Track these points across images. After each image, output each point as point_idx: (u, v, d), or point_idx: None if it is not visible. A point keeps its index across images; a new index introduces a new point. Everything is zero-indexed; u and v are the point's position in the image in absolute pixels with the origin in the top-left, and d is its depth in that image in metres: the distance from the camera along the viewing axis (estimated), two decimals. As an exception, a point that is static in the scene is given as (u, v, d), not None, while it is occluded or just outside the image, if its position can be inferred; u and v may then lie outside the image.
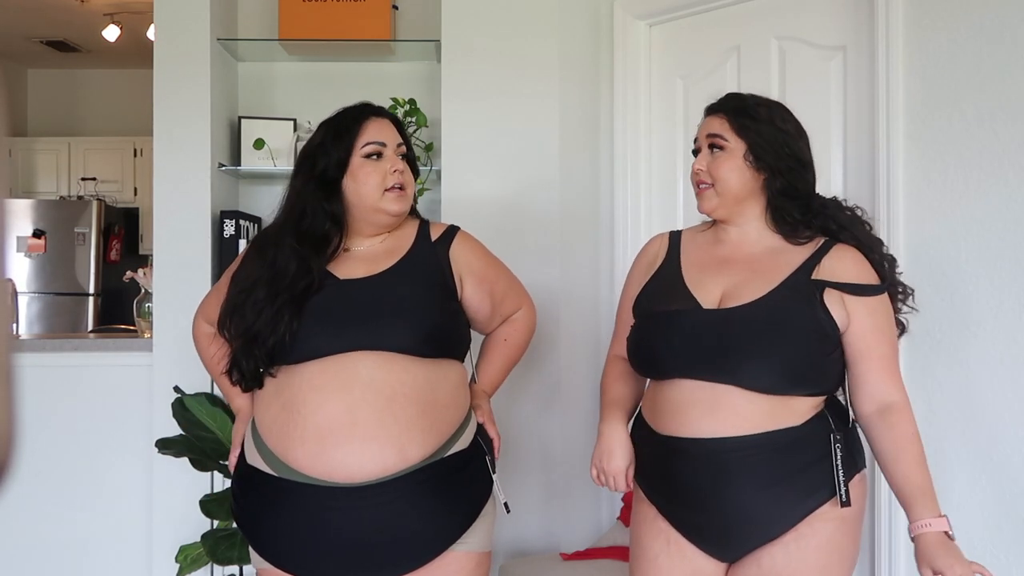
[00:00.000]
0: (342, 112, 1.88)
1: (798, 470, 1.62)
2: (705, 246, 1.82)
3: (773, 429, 1.61)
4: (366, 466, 1.66)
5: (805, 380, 1.64)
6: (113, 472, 2.96)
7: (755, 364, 1.61)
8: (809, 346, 1.64)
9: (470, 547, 1.78)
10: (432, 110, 3.01)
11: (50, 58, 7.15)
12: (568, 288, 2.89)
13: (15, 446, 0.65)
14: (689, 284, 1.75)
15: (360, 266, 1.83)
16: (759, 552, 1.64)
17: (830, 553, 1.63)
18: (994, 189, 2.11)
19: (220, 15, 3.00)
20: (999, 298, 2.11)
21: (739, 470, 1.61)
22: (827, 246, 1.71)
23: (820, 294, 1.65)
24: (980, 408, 2.14)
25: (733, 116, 1.76)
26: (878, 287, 1.69)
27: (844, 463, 1.62)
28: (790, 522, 1.62)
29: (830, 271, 1.68)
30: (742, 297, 1.67)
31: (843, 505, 1.61)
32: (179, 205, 2.91)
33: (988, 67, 2.12)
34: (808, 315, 1.64)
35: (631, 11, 2.91)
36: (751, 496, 1.61)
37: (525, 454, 2.83)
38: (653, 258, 1.87)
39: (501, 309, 1.96)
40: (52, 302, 6.40)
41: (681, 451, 1.65)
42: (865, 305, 1.67)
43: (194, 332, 2.02)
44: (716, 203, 1.76)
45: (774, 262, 1.72)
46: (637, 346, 1.78)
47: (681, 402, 1.65)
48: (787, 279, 1.68)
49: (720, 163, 1.74)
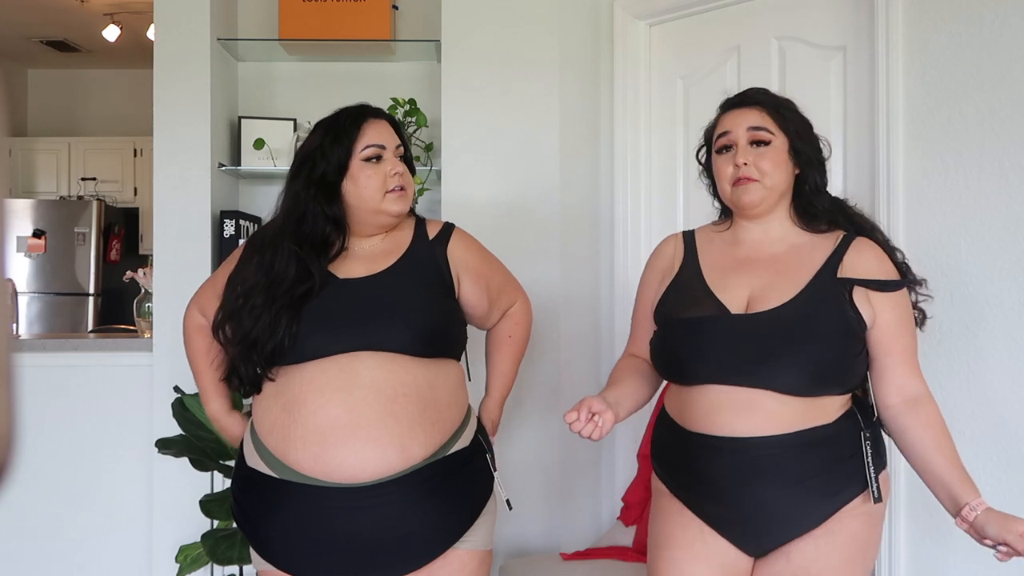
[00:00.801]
0: (339, 114, 1.87)
1: (828, 467, 1.62)
2: (723, 246, 1.79)
3: (804, 428, 1.60)
4: (368, 466, 1.66)
5: (836, 380, 1.64)
6: (113, 472, 2.96)
7: (788, 368, 1.60)
8: (840, 346, 1.63)
9: (472, 545, 1.78)
10: (432, 110, 3.01)
11: (50, 58, 7.15)
12: (568, 288, 2.89)
13: (15, 446, 0.65)
14: (713, 288, 1.71)
15: (359, 266, 1.83)
16: (788, 546, 1.64)
17: (856, 548, 1.64)
18: (994, 189, 2.11)
19: (220, 15, 3.00)
20: (999, 297, 2.11)
21: (770, 468, 1.60)
22: (847, 240, 1.70)
23: (849, 293, 1.64)
24: (980, 407, 2.14)
25: (773, 109, 1.73)
26: (901, 282, 1.68)
27: (874, 460, 1.63)
28: (820, 518, 1.62)
29: (853, 267, 1.66)
30: (770, 300, 1.65)
31: (876, 501, 1.61)
32: (179, 205, 2.91)
33: (988, 67, 2.12)
34: (838, 315, 1.63)
35: (631, 11, 2.91)
36: (782, 493, 1.61)
37: (525, 454, 2.83)
38: (669, 261, 1.83)
39: (498, 304, 1.97)
40: (52, 302, 6.40)
41: (713, 448, 1.64)
42: (890, 300, 1.66)
43: (186, 323, 2.00)
44: (762, 196, 1.71)
45: (798, 261, 1.70)
46: (662, 353, 1.75)
47: (712, 404, 1.64)
48: (814, 279, 1.66)
49: (768, 157, 1.70)
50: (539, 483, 2.85)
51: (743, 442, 1.60)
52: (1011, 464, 2.06)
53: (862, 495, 1.63)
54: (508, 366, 2.05)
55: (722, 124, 1.77)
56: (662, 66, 2.92)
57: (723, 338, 1.65)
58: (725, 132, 1.75)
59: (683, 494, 1.73)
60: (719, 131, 1.77)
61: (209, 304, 1.91)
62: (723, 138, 1.75)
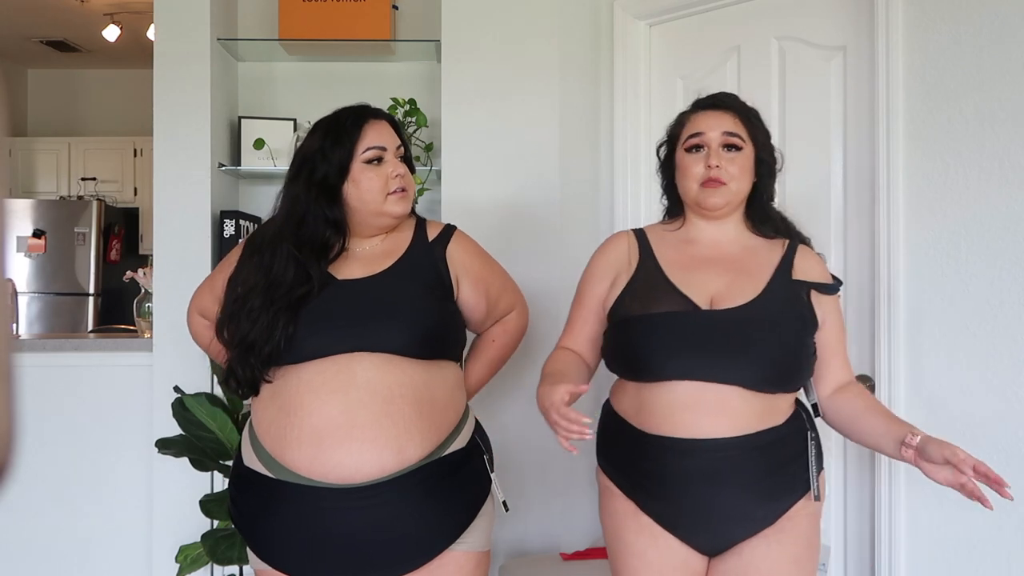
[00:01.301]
0: (339, 114, 1.86)
1: (778, 468, 1.67)
2: (678, 244, 1.83)
3: (761, 429, 1.65)
4: (364, 467, 1.66)
5: (794, 377, 1.71)
6: (113, 472, 2.95)
7: (755, 363, 1.65)
8: (799, 343, 1.71)
9: (469, 547, 1.78)
10: (432, 110, 3.01)
11: (50, 58, 7.15)
12: (568, 288, 2.87)
13: (15, 446, 0.65)
14: (678, 284, 1.74)
15: (358, 266, 1.82)
16: (741, 545, 1.69)
17: (804, 546, 1.70)
18: (994, 189, 2.11)
19: (220, 15, 3.00)
20: (1000, 298, 2.11)
21: (726, 470, 1.64)
22: (792, 246, 1.81)
23: (807, 294, 1.74)
24: (981, 408, 2.13)
25: (745, 117, 1.79)
26: (838, 286, 1.80)
27: (816, 460, 1.71)
28: (772, 517, 1.67)
29: (803, 271, 1.77)
30: (735, 298, 1.70)
31: (816, 499, 1.69)
32: (179, 205, 2.90)
33: (988, 67, 2.12)
34: (798, 314, 1.72)
35: (631, 11, 2.91)
36: (737, 495, 1.65)
37: (524, 454, 2.83)
38: (623, 257, 1.83)
39: (496, 309, 1.97)
40: (52, 302, 6.40)
41: (673, 450, 1.65)
42: (832, 302, 1.79)
43: (191, 328, 2.02)
44: (728, 199, 1.76)
45: (755, 262, 1.77)
46: (624, 349, 1.74)
47: (675, 404, 1.65)
48: (773, 279, 1.74)
49: (737, 162, 1.76)
50: (539, 483, 2.85)
51: (702, 444, 1.63)
52: (1011, 464, 2.06)
53: (808, 494, 1.69)
54: (481, 367, 2.00)
55: (695, 124, 1.79)
56: (662, 66, 2.92)
57: (694, 333, 1.67)
58: (699, 132, 1.78)
59: (633, 494, 1.74)
60: (692, 130, 1.79)
61: (208, 306, 1.91)
62: (696, 138, 1.78)
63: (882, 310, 2.27)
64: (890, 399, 2.24)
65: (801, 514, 1.70)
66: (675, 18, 2.87)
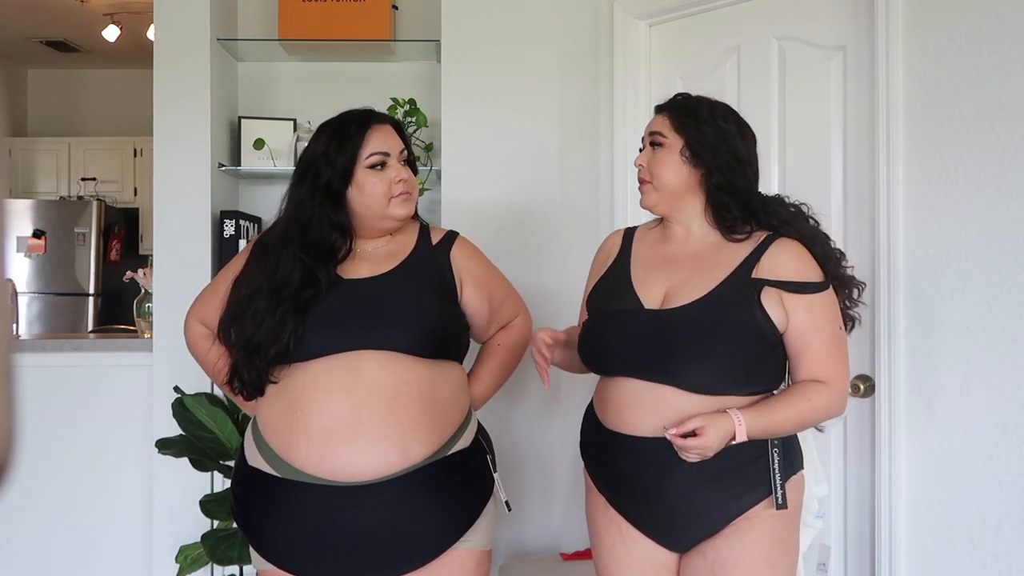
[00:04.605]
0: (343, 119, 1.86)
1: (735, 468, 1.66)
2: (654, 244, 1.85)
3: None
4: (370, 465, 1.67)
5: (745, 380, 1.68)
6: (113, 472, 2.96)
7: (693, 366, 1.65)
8: (747, 346, 1.66)
9: (472, 545, 1.79)
10: (432, 110, 3.01)
11: (50, 58, 7.15)
12: (568, 288, 2.88)
13: (15, 446, 0.65)
14: (635, 283, 1.79)
15: (363, 267, 1.83)
16: (703, 545, 1.70)
17: (773, 544, 1.68)
18: (994, 189, 2.11)
19: (220, 15, 3.00)
20: (1000, 298, 2.11)
21: (678, 466, 1.64)
22: (768, 241, 1.73)
23: (758, 293, 1.67)
24: (981, 408, 2.13)
25: (674, 114, 1.80)
26: (817, 284, 1.70)
27: (782, 466, 1.66)
28: (728, 517, 1.67)
29: (769, 268, 1.69)
30: (682, 297, 1.70)
31: (779, 507, 1.65)
32: (179, 205, 2.91)
33: (988, 67, 2.12)
34: (744, 315, 1.66)
35: (631, 11, 2.91)
36: (690, 491, 1.66)
37: (525, 454, 2.83)
38: (611, 254, 1.91)
39: (499, 315, 1.97)
40: (52, 302, 6.40)
41: (625, 446, 1.70)
42: (803, 302, 1.68)
43: (188, 336, 1.96)
44: (655, 199, 1.80)
45: (716, 260, 1.74)
46: (585, 342, 1.82)
47: (624, 401, 1.70)
48: (727, 278, 1.70)
49: (658, 159, 1.78)
50: (539, 483, 2.85)
51: (643, 441, 1.66)
52: (1011, 464, 2.06)
53: (768, 499, 1.66)
54: (490, 373, 1.99)
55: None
56: (662, 66, 2.92)
57: (632, 332, 1.71)
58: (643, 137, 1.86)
59: (604, 489, 1.79)
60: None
61: (209, 314, 1.89)
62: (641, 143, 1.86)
63: (882, 310, 2.27)
64: (890, 399, 2.24)
65: (764, 515, 1.67)
66: (675, 18, 2.86)
